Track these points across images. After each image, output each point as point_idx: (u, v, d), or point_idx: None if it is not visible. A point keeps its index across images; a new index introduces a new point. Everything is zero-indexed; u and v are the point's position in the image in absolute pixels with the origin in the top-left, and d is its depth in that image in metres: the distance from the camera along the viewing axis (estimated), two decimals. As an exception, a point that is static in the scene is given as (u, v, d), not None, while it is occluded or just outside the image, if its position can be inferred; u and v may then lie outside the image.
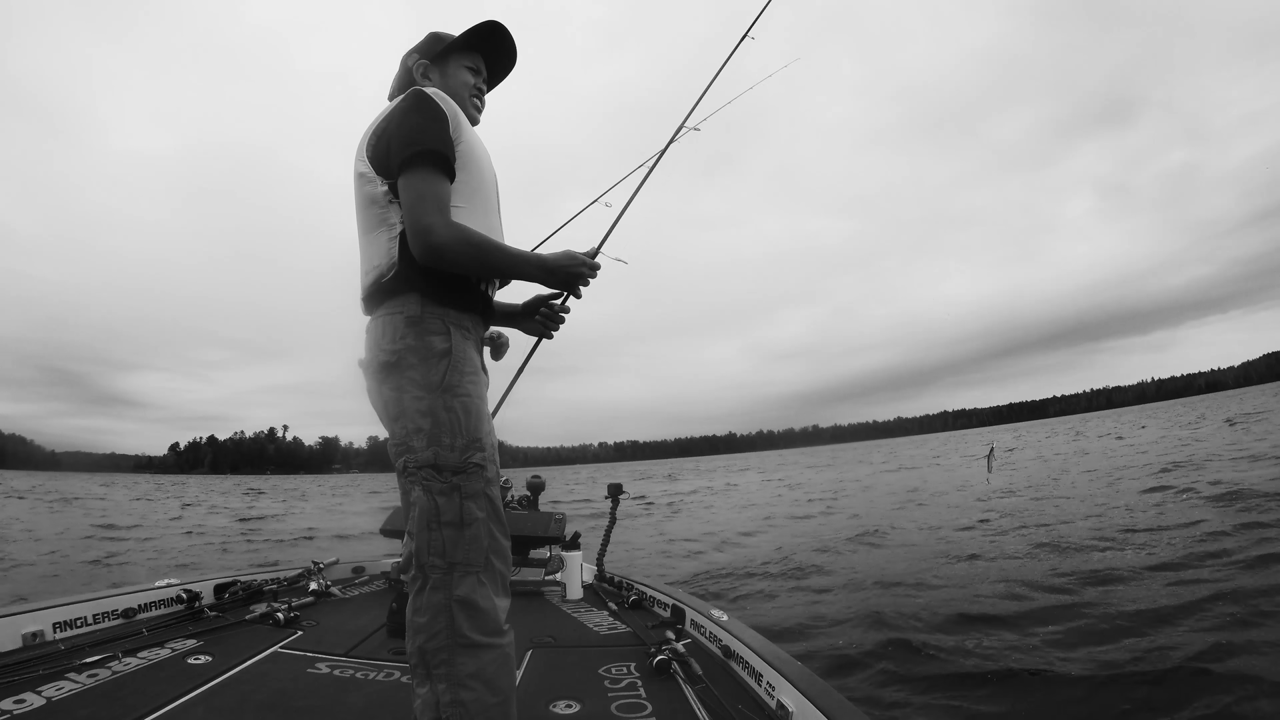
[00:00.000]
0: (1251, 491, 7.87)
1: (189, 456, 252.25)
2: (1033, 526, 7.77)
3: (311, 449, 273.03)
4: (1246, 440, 16.03)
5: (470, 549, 1.30)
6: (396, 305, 1.37)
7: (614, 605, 3.13)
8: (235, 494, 33.90)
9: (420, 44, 1.61)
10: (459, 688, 1.24)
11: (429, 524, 1.30)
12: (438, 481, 1.31)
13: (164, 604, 2.77)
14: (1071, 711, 2.99)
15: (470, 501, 1.32)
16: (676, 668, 2.12)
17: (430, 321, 1.36)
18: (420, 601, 1.29)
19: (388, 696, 1.98)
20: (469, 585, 1.29)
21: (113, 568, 8.36)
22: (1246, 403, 48.78)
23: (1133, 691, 3.06)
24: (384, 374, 1.36)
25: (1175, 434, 23.40)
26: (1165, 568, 5.10)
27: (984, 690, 3.21)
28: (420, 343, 1.35)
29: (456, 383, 1.36)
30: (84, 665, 2.02)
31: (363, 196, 1.44)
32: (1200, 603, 4.12)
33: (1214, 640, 3.47)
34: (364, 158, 1.45)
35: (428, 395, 1.33)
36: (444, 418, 1.33)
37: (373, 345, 1.40)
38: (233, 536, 12.55)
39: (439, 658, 1.25)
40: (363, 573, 3.89)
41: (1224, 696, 2.89)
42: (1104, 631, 3.85)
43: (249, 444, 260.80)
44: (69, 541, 11.24)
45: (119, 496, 28.51)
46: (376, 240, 1.41)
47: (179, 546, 10.81)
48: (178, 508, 21.56)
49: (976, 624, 4.23)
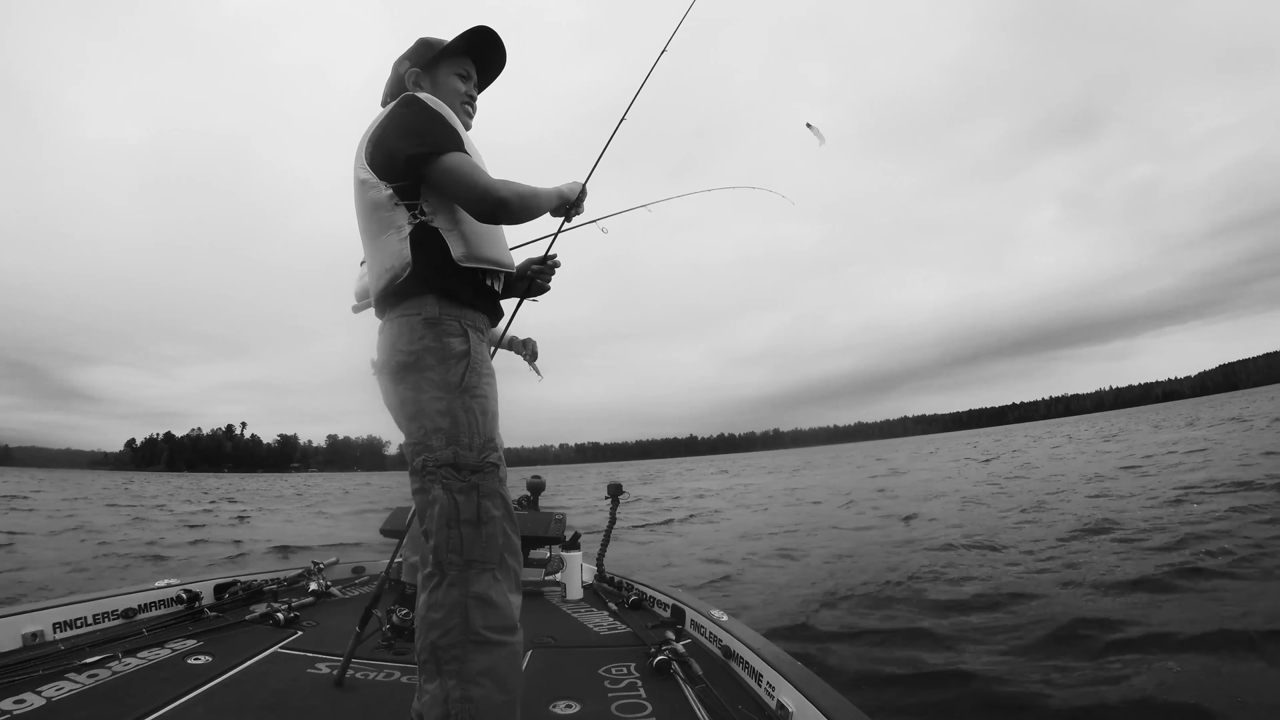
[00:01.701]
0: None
1: (145, 453, 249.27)
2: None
3: (270, 447, 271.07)
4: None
5: (487, 546, 1.34)
6: (413, 307, 1.40)
7: (614, 605, 3.13)
8: (181, 496, 28.74)
9: (411, 51, 1.63)
10: (469, 684, 1.25)
11: (448, 522, 1.33)
12: (457, 480, 1.34)
13: (164, 604, 2.77)
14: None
15: (487, 500, 1.36)
16: (676, 668, 2.12)
17: (448, 323, 1.40)
18: (436, 598, 1.30)
19: (388, 696, 1.98)
20: (485, 582, 1.32)
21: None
22: (1232, 408, 47.15)
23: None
24: (401, 374, 1.39)
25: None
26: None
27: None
28: (439, 344, 1.38)
29: (475, 384, 1.40)
30: (84, 665, 2.02)
31: (366, 202, 1.46)
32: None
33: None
34: (364, 164, 1.47)
35: (446, 395, 1.37)
36: (463, 418, 1.37)
37: (388, 346, 1.42)
38: (136, 557, 8.63)
39: (451, 653, 1.26)
40: (363, 573, 3.88)
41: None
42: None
43: (206, 441, 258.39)
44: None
45: (48, 497, 24.04)
46: (386, 243, 1.43)
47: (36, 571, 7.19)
48: (101, 509, 17.66)
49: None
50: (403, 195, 1.42)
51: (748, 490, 20.14)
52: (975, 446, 40.44)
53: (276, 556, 8.90)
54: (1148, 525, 6.51)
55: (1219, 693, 2.74)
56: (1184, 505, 7.49)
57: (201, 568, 7.68)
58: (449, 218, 1.45)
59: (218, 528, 13.19)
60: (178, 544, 10.16)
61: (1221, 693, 2.74)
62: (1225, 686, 2.81)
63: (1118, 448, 19.86)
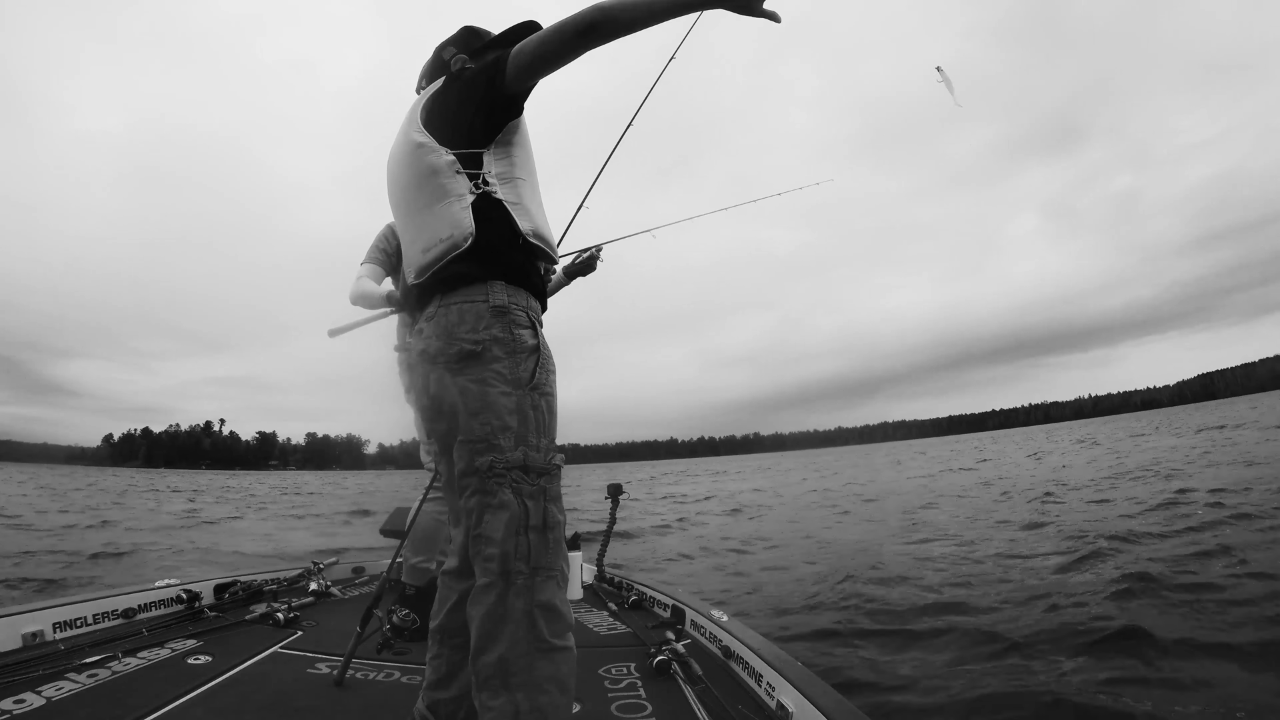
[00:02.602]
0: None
1: (123, 449, 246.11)
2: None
3: (248, 444, 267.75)
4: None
5: (554, 553, 1.28)
6: (477, 292, 1.32)
7: (614, 606, 3.13)
8: (135, 492, 26.23)
9: (457, 38, 1.60)
10: (538, 693, 1.19)
11: (517, 529, 1.24)
12: (527, 484, 1.27)
13: (164, 604, 2.77)
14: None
15: (553, 504, 1.30)
16: (676, 668, 2.12)
17: (517, 314, 1.32)
18: (501, 609, 1.22)
19: (388, 696, 1.98)
20: (550, 589, 1.26)
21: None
22: (1220, 414, 47.00)
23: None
24: (463, 364, 1.29)
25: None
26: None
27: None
28: (508, 335, 1.30)
29: (544, 381, 1.34)
30: (84, 665, 2.02)
31: (422, 168, 1.39)
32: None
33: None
34: (421, 127, 1.41)
35: (516, 392, 1.29)
36: (531, 416, 1.30)
37: (443, 332, 1.32)
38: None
39: (520, 665, 1.20)
40: (363, 573, 3.89)
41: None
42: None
43: (184, 437, 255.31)
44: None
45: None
46: (443, 212, 1.35)
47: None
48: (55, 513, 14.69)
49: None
50: (465, 163, 1.35)
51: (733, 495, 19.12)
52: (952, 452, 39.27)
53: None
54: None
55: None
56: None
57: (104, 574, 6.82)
58: (513, 190, 1.39)
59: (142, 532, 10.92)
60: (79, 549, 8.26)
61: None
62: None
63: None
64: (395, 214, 1.54)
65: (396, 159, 1.48)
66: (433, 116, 1.41)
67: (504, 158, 1.42)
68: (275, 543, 10.22)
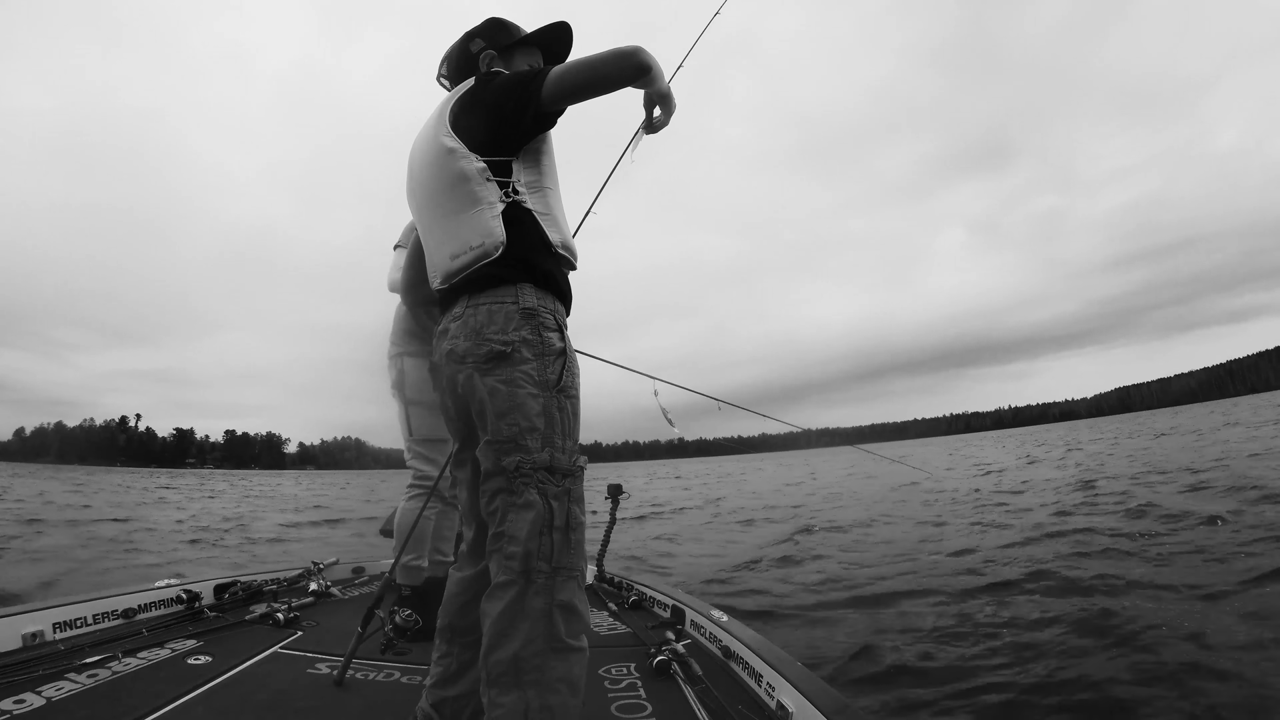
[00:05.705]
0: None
1: (35, 443, 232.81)
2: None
3: (165, 440, 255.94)
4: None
5: (575, 553, 1.29)
6: (507, 294, 1.34)
7: (614, 606, 3.13)
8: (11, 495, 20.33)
9: (484, 29, 1.59)
10: (548, 692, 1.20)
11: (541, 529, 1.26)
12: (552, 485, 1.29)
13: (164, 604, 2.77)
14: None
15: (576, 505, 1.31)
16: (676, 668, 2.12)
17: (545, 316, 1.35)
18: (518, 607, 1.23)
19: (388, 697, 1.97)
20: (570, 589, 1.27)
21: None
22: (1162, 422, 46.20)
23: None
24: (492, 365, 1.31)
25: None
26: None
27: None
28: (538, 337, 1.32)
29: (570, 383, 1.35)
30: (84, 665, 2.02)
31: (452, 173, 1.39)
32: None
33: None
34: (450, 132, 1.41)
35: (544, 394, 1.31)
36: (557, 418, 1.31)
37: (472, 332, 1.34)
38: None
39: (533, 663, 1.20)
40: (363, 573, 3.88)
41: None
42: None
43: (99, 432, 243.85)
44: None
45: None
46: (473, 219, 1.36)
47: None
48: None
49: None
50: (495, 171, 1.36)
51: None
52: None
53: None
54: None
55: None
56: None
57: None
58: (542, 200, 1.41)
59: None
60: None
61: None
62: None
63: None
64: (419, 216, 1.53)
65: (424, 161, 1.47)
66: (462, 120, 1.41)
67: (533, 166, 1.43)
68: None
